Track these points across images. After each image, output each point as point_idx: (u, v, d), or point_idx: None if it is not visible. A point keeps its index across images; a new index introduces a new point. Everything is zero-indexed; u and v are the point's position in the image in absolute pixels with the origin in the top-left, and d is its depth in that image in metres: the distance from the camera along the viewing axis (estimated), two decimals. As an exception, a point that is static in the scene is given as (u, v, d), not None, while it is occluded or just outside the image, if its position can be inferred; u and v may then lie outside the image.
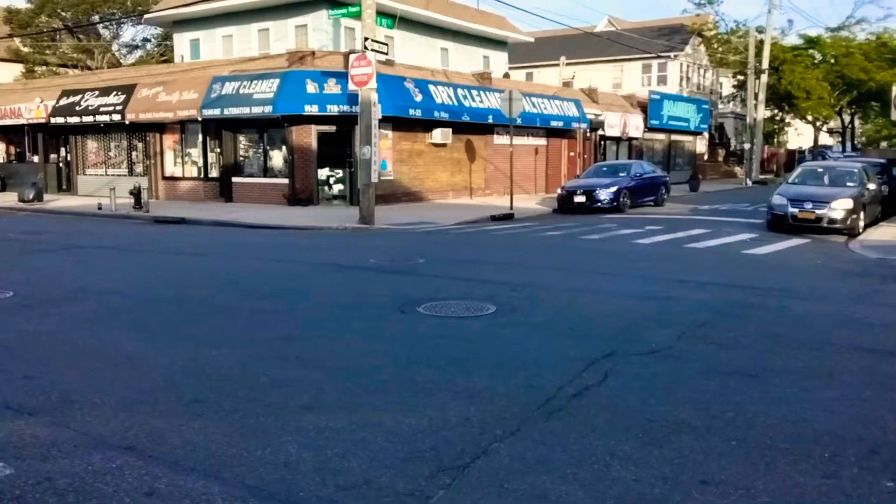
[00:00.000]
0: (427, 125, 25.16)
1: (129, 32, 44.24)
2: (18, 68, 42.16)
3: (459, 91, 26.14)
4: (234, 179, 24.70)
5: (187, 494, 3.51)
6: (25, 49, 41.65)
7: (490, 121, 26.82)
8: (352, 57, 18.58)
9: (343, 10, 20.71)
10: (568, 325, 7.17)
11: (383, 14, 20.66)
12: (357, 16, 18.80)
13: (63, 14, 41.10)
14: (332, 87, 22.11)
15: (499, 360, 5.86)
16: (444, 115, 24.97)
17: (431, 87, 24.82)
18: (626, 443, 4.20)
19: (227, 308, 8.06)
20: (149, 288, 9.32)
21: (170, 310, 7.95)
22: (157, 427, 4.35)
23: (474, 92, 26.94)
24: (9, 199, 26.38)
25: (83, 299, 8.47)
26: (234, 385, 5.14)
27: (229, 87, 23.20)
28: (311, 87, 22.15)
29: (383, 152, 22.37)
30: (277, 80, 22.47)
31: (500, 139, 28.21)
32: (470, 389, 5.08)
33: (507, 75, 34.94)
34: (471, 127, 26.65)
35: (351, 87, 18.70)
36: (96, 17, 41.12)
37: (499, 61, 35.51)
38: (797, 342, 6.44)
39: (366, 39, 17.70)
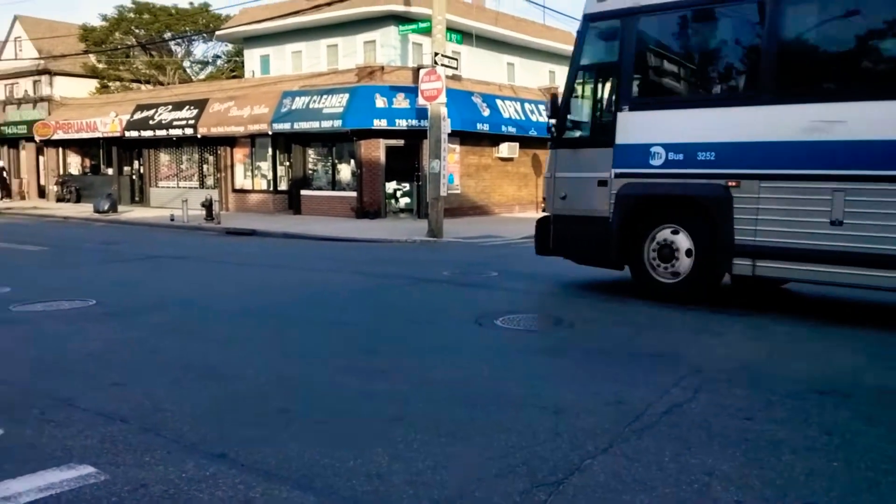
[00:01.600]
0: (494, 139, 25.15)
1: (200, 49, 45.27)
2: (94, 84, 43.69)
3: (526, 106, 26.08)
4: (303, 192, 25.05)
5: (283, 504, 3.48)
6: (101, 65, 43.14)
7: (556, 135, 26.62)
8: (421, 72, 18.70)
9: (413, 26, 20.89)
10: (650, 342, 6.99)
11: (452, 30, 20.76)
12: (427, 31, 18.94)
13: (137, 31, 42.49)
14: (400, 101, 22.27)
15: (584, 375, 5.73)
16: (511, 130, 24.93)
17: (498, 102, 24.81)
18: (724, 462, 4.03)
19: (307, 320, 8.10)
20: (227, 299, 9.45)
21: (250, 321, 8.03)
22: (247, 436, 4.35)
23: (541, 106, 26.80)
24: (84, 210, 27.27)
25: (164, 309, 8.63)
26: (320, 396, 5.12)
27: (299, 102, 23.58)
28: (380, 102, 22.35)
29: (451, 166, 22.41)
30: (347, 95, 22.75)
31: (566, 153, 27.95)
32: (557, 404, 4.97)
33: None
34: (537, 141, 26.50)
35: (420, 101, 18.82)
36: (168, 35, 42.39)
37: (565, 76, 35.32)
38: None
39: (435, 54, 17.77)
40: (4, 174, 36.57)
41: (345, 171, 24.81)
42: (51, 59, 41.51)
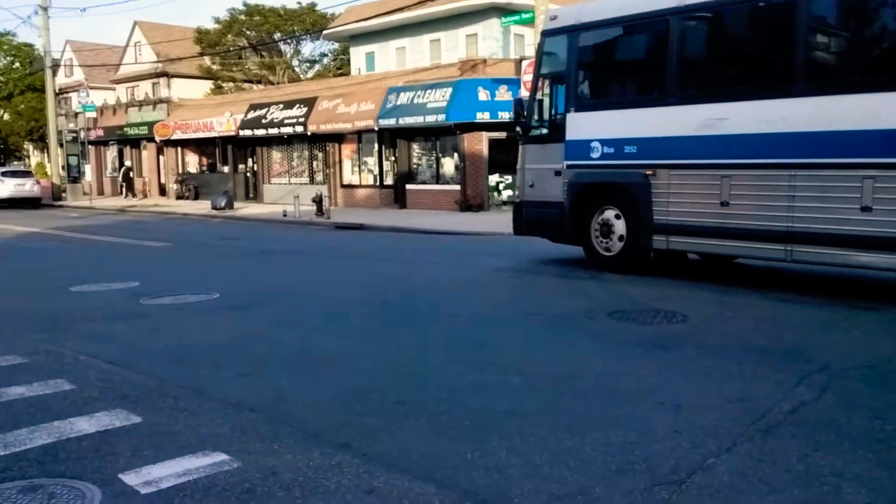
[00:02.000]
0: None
1: (307, 48, 46.47)
2: (208, 85, 45.60)
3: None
4: (408, 186, 25.40)
5: (405, 495, 3.57)
6: (215, 67, 44.98)
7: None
8: (524, 63, 18.64)
9: (515, 17, 20.81)
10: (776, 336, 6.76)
11: (555, 18, 20.54)
12: (530, 22, 18.83)
13: (248, 33, 44.05)
14: (503, 93, 22.24)
15: (702, 371, 5.61)
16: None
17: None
18: (855, 464, 3.86)
19: (418, 312, 8.25)
20: (339, 291, 9.72)
21: (364, 313, 8.23)
22: (368, 426, 4.47)
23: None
24: (202, 206, 28.54)
25: (282, 302, 8.96)
26: (435, 388, 5.21)
27: (404, 98, 23.91)
28: (483, 95, 22.39)
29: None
30: (450, 89, 22.90)
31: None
32: (675, 400, 4.88)
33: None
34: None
35: (522, 92, 18.72)
36: (278, 35, 43.75)
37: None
38: None
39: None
40: (131, 174, 38.70)
41: (448, 165, 25.00)
42: (168, 62, 43.63)
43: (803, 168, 8.40)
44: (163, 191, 38.14)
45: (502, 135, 23.32)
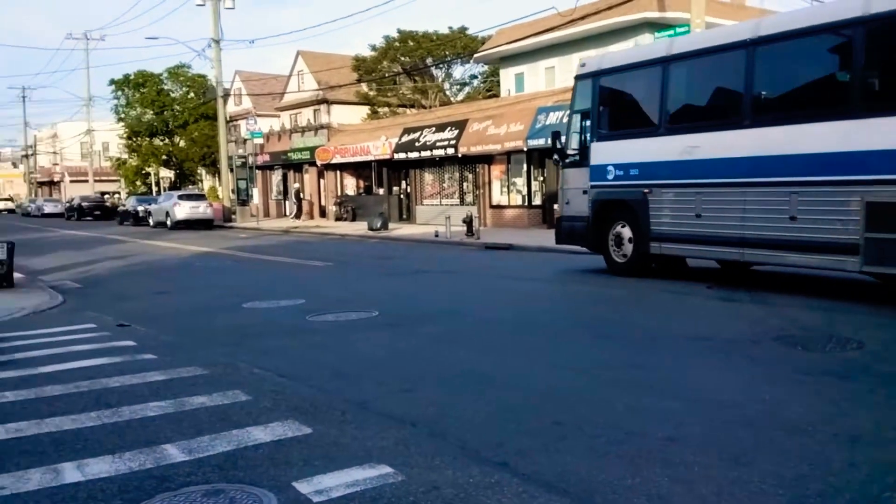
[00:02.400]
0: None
1: (458, 71, 47.37)
2: (365, 110, 47.44)
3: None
4: (556, 206, 25.28)
5: (566, 517, 3.57)
6: (371, 93, 46.77)
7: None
8: (678, 78, 18.15)
9: (669, 32, 20.35)
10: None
11: (711, 32, 19.93)
12: (685, 35, 18.33)
13: (402, 59, 45.54)
14: (656, 110, 21.75)
15: (881, 401, 5.25)
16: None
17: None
18: None
19: (569, 330, 8.21)
20: (492, 309, 9.83)
21: (516, 331, 8.30)
22: (525, 445, 4.50)
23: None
24: (359, 227, 29.64)
25: (437, 319, 9.17)
26: (591, 409, 5.17)
27: (553, 117, 23.89)
28: (635, 112, 21.99)
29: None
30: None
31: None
32: (851, 432, 4.59)
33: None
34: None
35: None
36: (430, 60, 44.95)
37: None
38: None
39: (694, 59, 17.16)
40: (301, 195, 40.87)
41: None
42: (328, 90, 45.79)
43: (749, 185, 10.33)
44: (322, 212, 39.96)
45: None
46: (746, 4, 29.83)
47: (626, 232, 12.42)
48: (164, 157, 55.88)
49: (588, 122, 13.14)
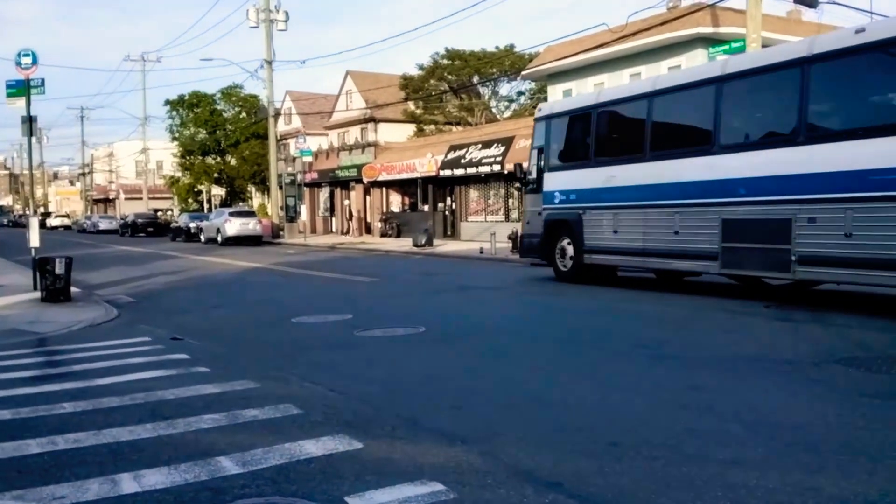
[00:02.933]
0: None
1: (505, 88, 47.49)
2: (411, 128, 47.78)
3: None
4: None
5: (625, 540, 3.47)
6: (418, 111, 47.12)
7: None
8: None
9: (724, 47, 20.12)
10: None
11: (767, 47, 19.59)
12: (740, 51, 18.08)
13: (449, 77, 45.82)
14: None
15: (953, 428, 5.02)
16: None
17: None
18: None
19: (622, 350, 8.07)
20: (539, 326, 9.74)
21: (566, 348, 8.20)
22: (579, 466, 4.41)
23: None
24: (405, 244, 29.76)
25: (483, 335, 9.12)
26: (649, 431, 5.05)
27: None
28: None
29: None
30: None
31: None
32: (925, 459, 4.40)
33: None
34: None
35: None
36: (476, 78, 45.14)
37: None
38: None
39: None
40: (353, 211, 41.27)
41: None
42: (375, 108, 46.25)
43: (648, 207, 13.08)
44: (368, 229, 40.24)
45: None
46: (803, 19, 29.33)
47: (568, 246, 15.04)
48: (215, 174, 56.96)
49: (542, 157, 15.99)
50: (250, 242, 35.27)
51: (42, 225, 64.33)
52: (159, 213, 64.67)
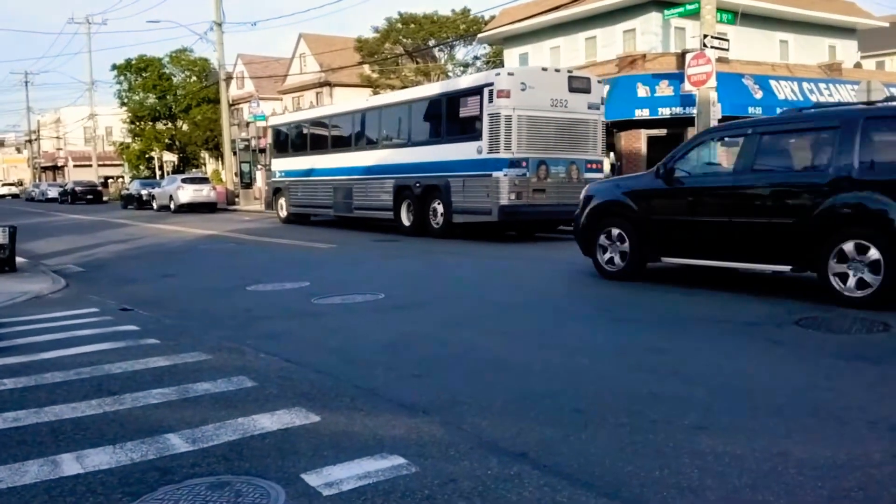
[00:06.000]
0: (767, 124, 23.38)
1: (461, 52, 46.98)
2: (368, 92, 47.01)
3: (805, 85, 24.00)
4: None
5: (593, 512, 3.36)
6: (374, 75, 46.37)
7: (841, 115, 24.21)
8: (687, 56, 17.87)
9: (679, 10, 19.99)
10: None
11: (721, 10, 19.53)
12: (695, 13, 17.99)
13: (404, 41, 45.09)
14: (663, 89, 21.48)
15: (915, 388, 5.02)
16: (788, 112, 23.00)
17: (773, 83, 23.07)
18: None
19: (583, 317, 8.00)
20: (501, 292, 9.61)
21: (529, 313, 8.09)
22: (544, 435, 4.30)
23: (822, 85, 24.53)
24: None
25: (446, 302, 8.98)
26: (613, 397, 4.96)
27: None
28: (642, 91, 21.70)
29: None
30: (606, 87, 22.28)
31: (853, 135, 25.33)
32: (891, 419, 4.38)
33: (858, 65, 31.37)
34: (818, 123, 24.23)
35: (686, 87, 17.99)
36: (432, 42, 44.50)
37: (847, 50, 31.99)
38: None
39: (705, 37, 16.86)
40: None
41: (605, 164, 24.39)
42: (330, 72, 45.41)
43: (315, 181, 22.92)
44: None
45: (662, 132, 22.52)
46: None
47: (283, 202, 25.15)
48: (167, 140, 55.62)
49: (271, 149, 26.40)
50: (205, 209, 34.53)
51: (-12, 194, 61.82)
52: (110, 181, 63.11)
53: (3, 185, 77.90)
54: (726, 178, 9.01)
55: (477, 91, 16.26)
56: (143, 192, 40.17)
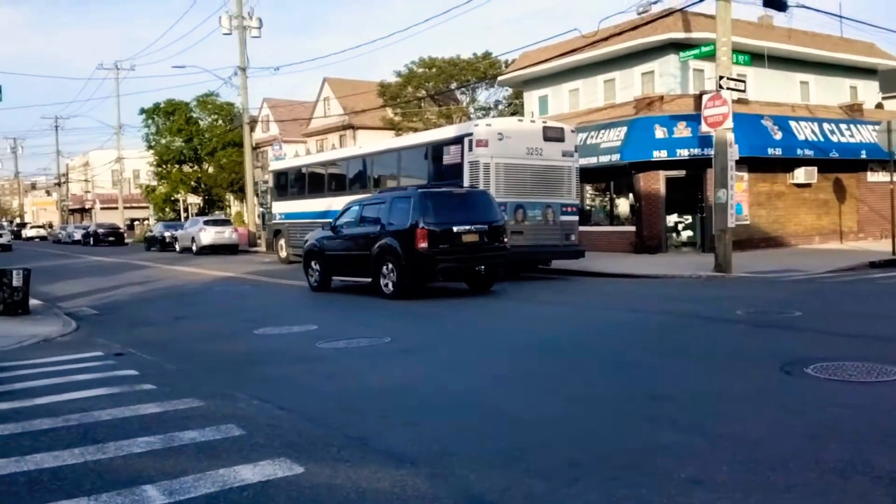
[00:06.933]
0: (787, 164, 23.21)
1: (482, 95, 47.31)
2: (390, 135, 47.40)
3: (825, 126, 23.79)
4: (581, 228, 24.77)
5: (573, 574, 3.18)
6: (396, 118, 46.81)
7: (863, 156, 23.94)
8: (704, 98, 17.74)
9: (695, 52, 20.02)
10: None
11: (738, 51, 19.44)
12: (710, 55, 17.96)
13: (426, 84, 45.55)
14: (681, 130, 21.37)
15: (927, 441, 4.78)
16: (808, 153, 22.84)
17: (792, 124, 22.90)
18: None
19: (587, 360, 7.81)
20: (505, 336, 9.45)
21: (529, 358, 7.92)
22: (533, 489, 4.12)
23: (843, 126, 24.30)
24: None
25: (447, 345, 8.82)
26: (609, 448, 4.77)
27: (576, 139, 23.52)
28: (660, 133, 21.62)
29: (738, 195, 20.92)
30: (625, 128, 22.30)
31: (876, 176, 25.04)
32: (894, 474, 4.15)
33: (880, 105, 31.07)
34: (839, 164, 24.07)
35: (703, 128, 17.83)
36: (454, 85, 44.91)
37: (868, 91, 31.70)
38: None
39: (720, 78, 16.76)
40: None
41: (623, 206, 24.25)
42: (353, 115, 45.88)
43: (310, 222, 21.63)
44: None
45: (681, 173, 22.37)
46: (775, 24, 29.36)
47: (282, 242, 25.50)
48: (192, 183, 56.28)
49: (274, 192, 27.13)
50: (226, 251, 34.72)
51: (17, 236, 62.97)
52: (136, 223, 63.94)
53: (32, 227, 79.11)
54: (349, 228, 15.23)
55: (458, 140, 17.04)
56: (167, 234, 40.56)
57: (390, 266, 13.67)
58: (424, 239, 13.21)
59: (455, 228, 13.47)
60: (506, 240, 14.30)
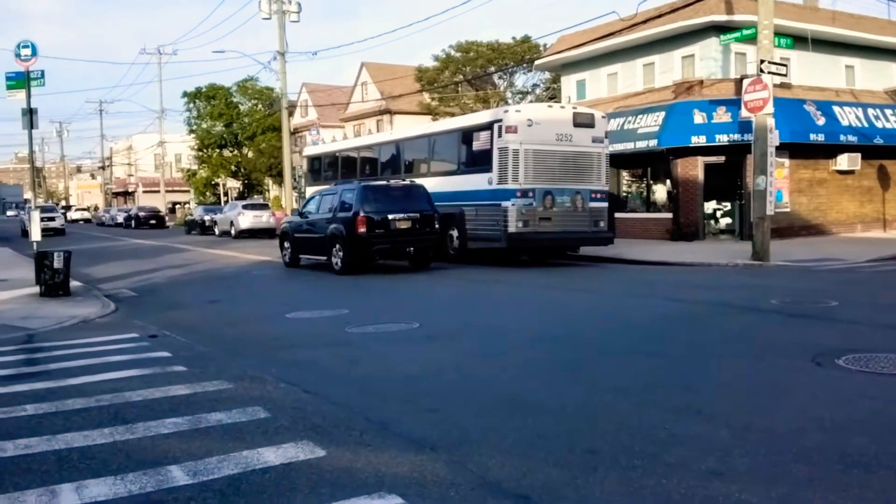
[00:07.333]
0: (830, 151, 22.70)
1: (520, 80, 47.02)
2: (427, 120, 47.38)
3: (870, 111, 23.21)
4: (617, 214, 24.57)
5: (585, 563, 3.18)
6: (433, 103, 46.73)
7: (909, 142, 23.28)
8: (745, 82, 17.41)
9: (736, 34, 19.61)
10: None
11: (781, 34, 19.01)
12: (752, 38, 17.58)
13: (463, 69, 45.37)
14: (721, 115, 21.03)
15: (958, 436, 4.67)
16: (852, 139, 22.31)
17: (836, 109, 22.39)
18: None
19: (618, 350, 7.75)
20: (533, 324, 9.44)
21: (555, 348, 7.89)
22: (551, 477, 4.12)
23: (888, 111, 23.68)
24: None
25: (475, 333, 8.83)
26: (630, 437, 4.75)
27: (613, 124, 23.24)
28: (699, 118, 21.29)
29: (778, 182, 20.57)
30: (663, 113, 22.00)
31: (923, 163, 24.35)
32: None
33: (928, 89, 30.16)
34: (884, 151, 23.46)
35: (743, 113, 17.54)
36: (492, 69, 44.67)
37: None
38: None
39: (761, 62, 16.43)
40: None
41: (660, 192, 23.97)
42: (390, 100, 45.93)
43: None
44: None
45: (720, 159, 22.02)
46: (820, 6, 28.66)
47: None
48: (232, 167, 56.94)
49: (309, 177, 26.90)
50: (264, 235, 35.08)
51: (64, 219, 64.56)
52: (177, 206, 64.97)
53: (77, 210, 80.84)
54: (312, 215, 17.61)
55: (488, 127, 17.13)
56: (206, 217, 41.14)
57: (338, 247, 16.09)
58: (363, 224, 15.61)
59: (390, 216, 15.85)
60: (437, 226, 16.48)
